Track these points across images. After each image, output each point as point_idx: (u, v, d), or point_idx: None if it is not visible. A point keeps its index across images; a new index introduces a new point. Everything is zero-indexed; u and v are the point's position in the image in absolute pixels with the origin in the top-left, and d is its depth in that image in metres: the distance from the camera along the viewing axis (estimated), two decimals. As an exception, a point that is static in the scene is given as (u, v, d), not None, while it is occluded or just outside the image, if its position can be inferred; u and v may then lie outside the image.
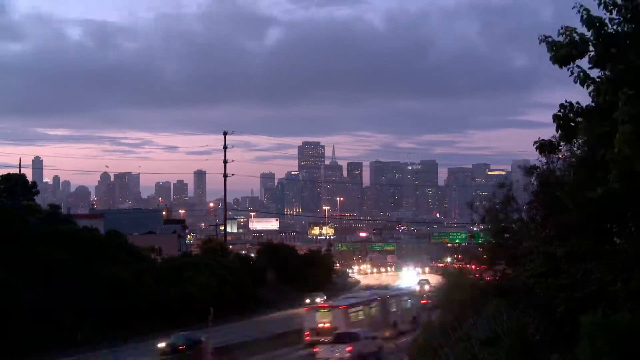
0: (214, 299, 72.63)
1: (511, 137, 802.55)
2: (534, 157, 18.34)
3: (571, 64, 12.98)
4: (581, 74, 13.12)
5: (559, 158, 19.81)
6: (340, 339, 46.57)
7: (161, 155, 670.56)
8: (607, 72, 13.16)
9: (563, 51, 12.83)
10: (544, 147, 15.14)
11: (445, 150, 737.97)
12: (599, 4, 12.63)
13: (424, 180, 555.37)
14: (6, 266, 55.06)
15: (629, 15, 12.57)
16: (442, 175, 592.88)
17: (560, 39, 13.09)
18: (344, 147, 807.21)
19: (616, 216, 14.64)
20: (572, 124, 14.22)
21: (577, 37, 12.89)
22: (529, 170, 22.28)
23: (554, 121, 14.39)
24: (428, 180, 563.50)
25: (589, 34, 12.86)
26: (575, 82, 13.20)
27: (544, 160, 20.15)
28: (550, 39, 13.19)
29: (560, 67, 13.04)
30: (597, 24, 12.69)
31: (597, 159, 13.49)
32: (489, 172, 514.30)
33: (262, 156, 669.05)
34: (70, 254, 61.10)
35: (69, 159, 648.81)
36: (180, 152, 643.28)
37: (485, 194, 34.55)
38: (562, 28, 13.10)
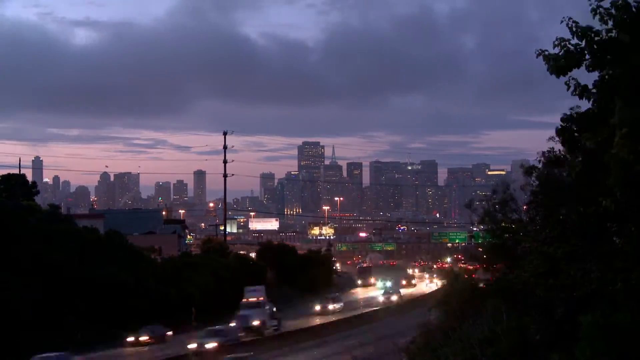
0: (213, 299, 72.71)
1: (523, 138, 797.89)
2: (533, 157, 18.37)
3: (568, 74, 13.08)
4: (577, 86, 13.22)
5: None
6: None
7: (173, 155, 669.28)
8: (604, 77, 13.22)
9: (560, 62, 12.93)
10: (551, 162, 15.28)
11: (461, 152, 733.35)
12: (594, 15, 12.72)
13: (423, 180, 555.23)
14: (6, 266, 55.08)
15: (623, 24, 12.62)
16: (442, 175, 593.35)
17: (556, 50, 13.23)
18: (354, 148, 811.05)
19: (616, 216, 14.65)
20: (576, 134, 14.36)
21: (571, 48, 13.01)
22: (528, 170, 22.29)
23: (557, 135, 14.52)
24: (428, 180, 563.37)
25: (582, 43, 12.96)
26: (573, 95, 13.32)
27: (543, 160, 20.16)
28: (546, 52, 13.31)
29: (558, 77, 13.16)
30: (590, 34, 12.79)
31: (597, 164, 13.54)
32: (489, 172, 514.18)
33: (272, 156, 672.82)
34: (70, 254, 61.11)
35: (79, 159, 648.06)
36: (192, 152, 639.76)
37: (484, 194, 34.57)
38: (556, 40, 13.22)
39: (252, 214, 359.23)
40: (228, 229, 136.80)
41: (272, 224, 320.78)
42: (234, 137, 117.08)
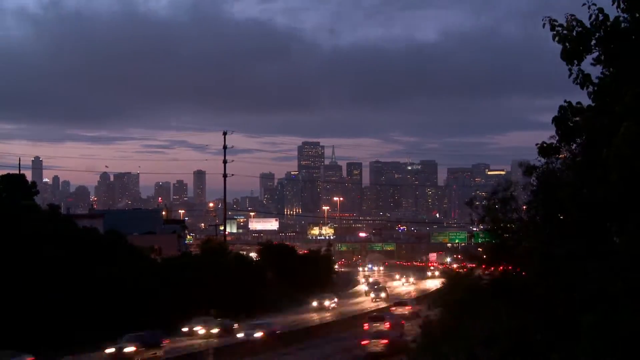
0: (213, 299, 72.73)
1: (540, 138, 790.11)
2: (534, 156, 18.29)
3: (575, 62, 12.87)
4: (581, 75, 13.06)
5: (558, 158, 19.79)
6: None
7: (190, 155, 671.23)
8: (611, 70, 13.09)
9: (571, 45, 12.67)
10: (545, 150, 15.14)
11: (476, 152, 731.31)
12: (613, 2, 12.47)
13: (423, 180, 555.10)
14: (5, 266, 55.07)
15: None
16: (442, 175, 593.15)
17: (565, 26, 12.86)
18: (369, 149, 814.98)
19: (616, 216, 14.61)
20: (571, 124, 14.20)
21: (582, 30, 12.71)
22: (528, 170, 22.23)
23: (552, 123, 14.38)
24: (428, 180, 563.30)
25: (595, 29, 12.69)
26: (575, 84, 13.14)
27: (543, 160, 20.10)
28: (556, 23, 12.94)
29: (567, 64, 12.93)
30: (609, 22, 12.54)
31: (596, 158, 13.46)
32: (489, 172, 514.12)
33: (279, 157, 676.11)
34: (69, 254, 61.03)
35: (90, 160, 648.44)
36: (208, 152, 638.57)
37: (484, 194, 34.50)
38: (569, 16, 12.90)
39: (252, 214, 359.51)
40: (228, 229, 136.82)
41: (272, 224, 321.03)
42: (245, 137, 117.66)
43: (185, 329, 63.27)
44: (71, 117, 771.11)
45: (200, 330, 63.40)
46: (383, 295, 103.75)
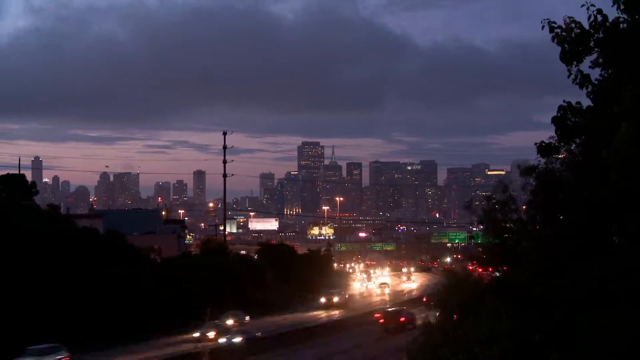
0: (213, 299, 72.66)
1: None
2: (534, 156, 18.28)
3: (574, 63, 12.88)
4: (580, 76, 13.07)
5: (557, 158, 19.80)
6: None
7: (192, 155, 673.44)
8: (609, 71, 13.09)
9: (570, 47, 12.68)
10: (544, 149, 15.15)
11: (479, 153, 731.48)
12: (613, 3, 12.47)
13: (423, 180, 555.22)
14: (3, 266, 55.06)
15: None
16: (442, 175, 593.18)
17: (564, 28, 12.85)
18: (370, 149, 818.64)
19: (616, 216, 14.62)
20: (571, 124, 14.21)
21: (581, 32, 12.70)
22: (527, 170, 22.24)
23: (552, 123, 14.39)
24: (427, 180, 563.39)
25: (594, 30, 12.70)
26: (574, 84, 13.15)
27: (542, 160, 20.12)
28: (555, 24, 12.95)
29: (566, 65, 12.95)
30: (608, 24, 12.54)
31: (596, 159, 13.46)
32: (489, 172, 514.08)
33: (286, 157, 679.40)
34: (68, 254, 60.98)
35: (93, 160, 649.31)
36: (209, 152, 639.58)
37: (484, 194, 34.48)
38: (567, 18, 12.90)
39: (251, 214, 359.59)
40: (228, 229, 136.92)
41: (272, 224, 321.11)
42: (246, 137, 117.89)
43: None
44: (75, 116, 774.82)
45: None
46: None
